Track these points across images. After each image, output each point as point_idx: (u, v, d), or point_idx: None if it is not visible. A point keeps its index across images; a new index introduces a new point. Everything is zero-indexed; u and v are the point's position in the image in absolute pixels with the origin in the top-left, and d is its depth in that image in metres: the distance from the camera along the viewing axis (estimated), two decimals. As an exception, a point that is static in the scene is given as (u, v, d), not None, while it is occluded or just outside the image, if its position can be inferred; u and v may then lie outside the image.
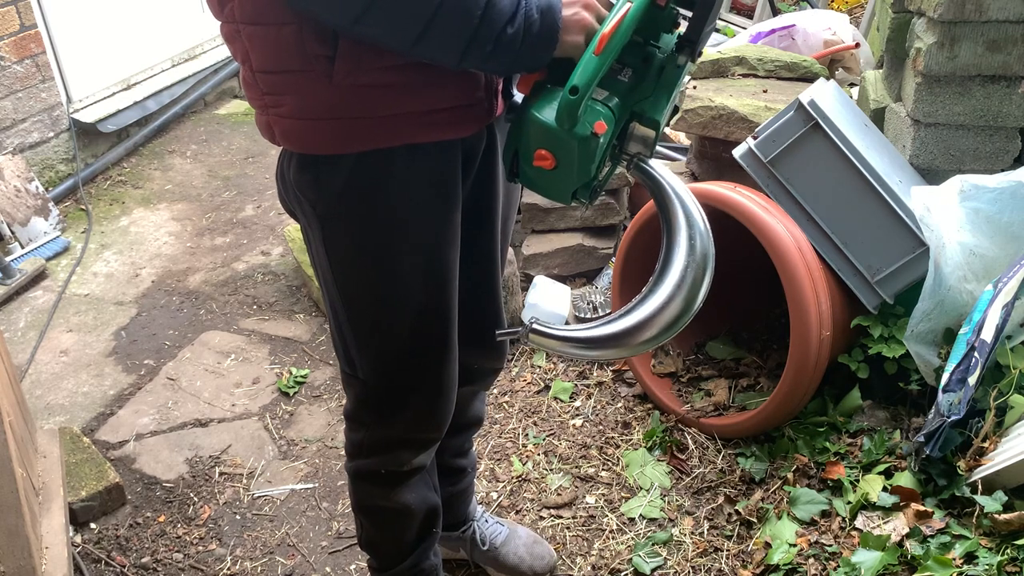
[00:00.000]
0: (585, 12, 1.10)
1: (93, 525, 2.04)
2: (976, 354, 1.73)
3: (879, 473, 1.87)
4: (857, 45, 3.43)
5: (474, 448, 1.82)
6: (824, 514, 1.85)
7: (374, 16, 1.03)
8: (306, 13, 1.07)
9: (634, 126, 1.16)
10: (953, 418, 1.72)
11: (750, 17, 4.74)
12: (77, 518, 2.02)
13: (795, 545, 1.79)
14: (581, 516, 2.01)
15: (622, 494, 2.06)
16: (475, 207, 1.35)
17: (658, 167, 1.21)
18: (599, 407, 2.33)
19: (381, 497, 1.53)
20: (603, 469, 2.14)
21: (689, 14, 1.13)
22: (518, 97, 1.19)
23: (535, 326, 1.16)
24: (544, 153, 1.11)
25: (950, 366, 1.78)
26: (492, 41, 1.06)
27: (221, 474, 2.19)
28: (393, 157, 1.19)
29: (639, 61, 1.15)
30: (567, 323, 2.54)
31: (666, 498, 2.03)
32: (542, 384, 2.43)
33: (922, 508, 1.73)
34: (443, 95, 1.17)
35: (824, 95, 2.07)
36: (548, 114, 1.09)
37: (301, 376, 2.52)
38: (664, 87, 1.15)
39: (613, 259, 2.52)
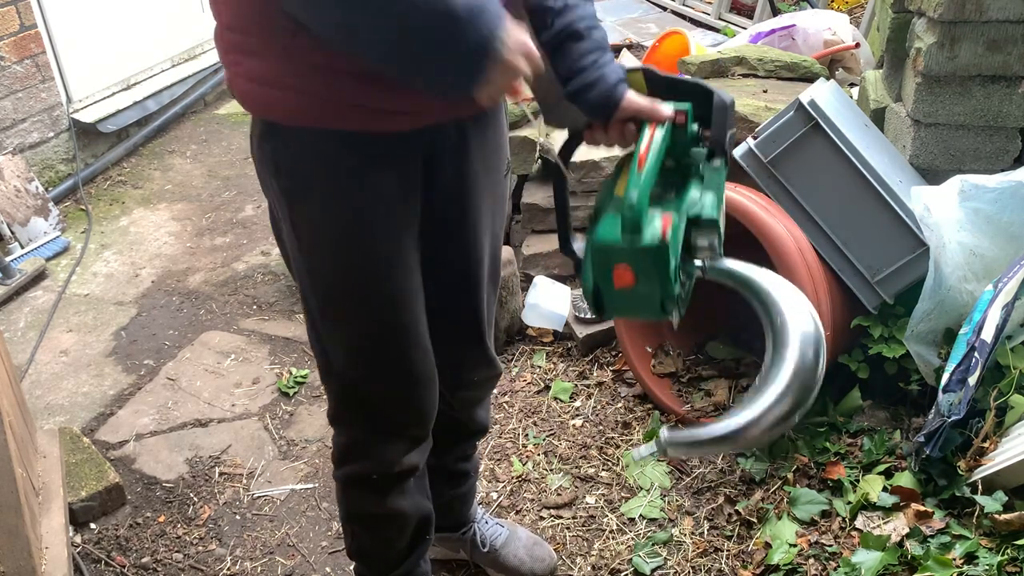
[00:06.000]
0: (520, 60, 1.06)
1: (93, 525, 2.04)
2: (976, 354, 1.73)
3: (879, 473, 1.87)
4: (857, 45, 3.43)
5: (477, 452, 1.82)
6: (824, 514, 1.85)
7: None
8: None
9: (695, 233, 1.18)
10: (953, 418, 1.72)
11: (750, 17, 4.74)
12: (77, 518, 2.02)
13: (795, 545, 1.79)
14: (581, 516, 2.01)
15: (622, 494, 2.06)
16: (450, 205, 1.35)
17: (736, 264, 1.21)
18: (599, 407, 2.33)
19: (373, 504, 1.51)
20: (603, 469, 2.14)
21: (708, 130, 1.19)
22: (578, 249, 1.22)
23: (669, 438, 1.16)
24: (622, 269, 1.12)
25: (950, 366, 1.78)
26: (417, 48, 1.04)
27: (221, 474, 2.19)
28: (352, 139, 1.19)
29: (679, 180, 1.19)
30: (567, 324, 2.54)
31: (666, 498, 2.03)
32: (542, 384, 2.43)
33: (922, 508, 1.73)
34: (400, 100, 1.17)
35: (824, 95, 2.07)
36: (612, 233, 1.11)
37: (301, 376, 2.52)
38: (708, 188, 1.18)
39: (613, 259, 2.52)
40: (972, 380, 1.72)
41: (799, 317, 1.14)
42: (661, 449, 1.15)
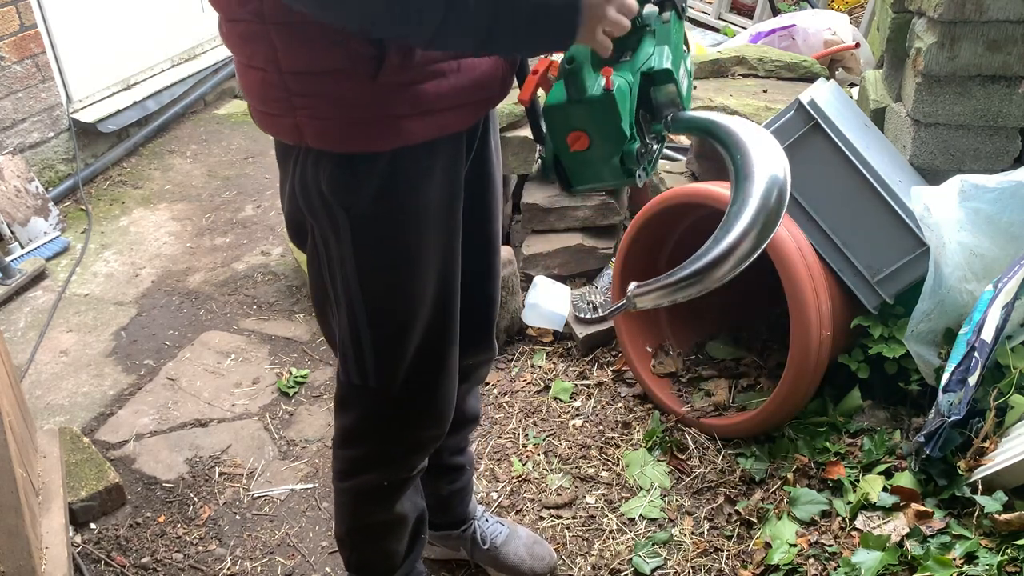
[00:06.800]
0: (608, 8, 1.08)
1: (93, 525, 2.04)
2: (976, 354, 1.73)
3: (879, 473, 1.87)
4: (857, 45, 3.44)
5: (472, 446, 1.81)
6: (824, 514, 1.85)
7: (386, 18, 1.02)
8: (323, 20, 1.05)
9: (653, 90, 1.19)
10: (953, 418, 1.72)
11: (750, 17, 4.74)
12: (77, 518, 2.02)
13: (795, 545, 1.79)
14: (581, 516, 2.01)
15: (622, 494, 2.06)
16: (474, 193, 1.35)
17: (698, 113, 1.21)
18: (599, 407, 2.33)
19: (383, 512, 1.50)
20: (603, 469, 2.14)
21: None
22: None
23: (636, 291, 1.15)
24: (575, 134, 1.13)
25: (950, 366, 1.78)
26: (513, 28, 1.05)
27: (221, 474, 2.19)
28: (419, 152, 1.19)
29: (633, 41, 1.19)
30: (567, 324, 2.54)
31: (666, 498, 2.03)
32: (542, 384, 2.43)
33: (922, 508, 1.73)
34: (471, 91, 1.18)
35: (824, 95, 2.07)
36: (558, 95, 1.13)
37: (301, 376, 2.52)
38: (660, 41, 1.19)
39: (613, 259, 2.53)
40: (972, 380, 1.72)
41: (765, 157, 1.13)
42: (631, 303, 1.14)
